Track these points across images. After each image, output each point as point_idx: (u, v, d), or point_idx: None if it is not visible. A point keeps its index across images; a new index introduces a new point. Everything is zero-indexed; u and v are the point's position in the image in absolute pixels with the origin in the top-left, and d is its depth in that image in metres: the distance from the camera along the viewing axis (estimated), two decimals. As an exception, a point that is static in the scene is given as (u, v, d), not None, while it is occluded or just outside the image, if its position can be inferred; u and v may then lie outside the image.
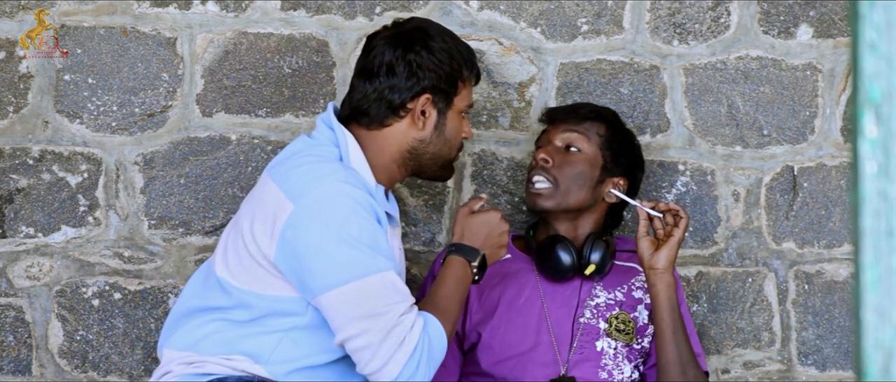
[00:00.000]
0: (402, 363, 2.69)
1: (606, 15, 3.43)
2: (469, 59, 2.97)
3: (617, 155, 3.20)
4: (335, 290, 2.70)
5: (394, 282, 2.72)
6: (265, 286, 2.77)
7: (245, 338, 2.80)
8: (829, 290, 3.51)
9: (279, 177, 2.80)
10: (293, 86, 3.36)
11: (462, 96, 2.95)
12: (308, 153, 2.84)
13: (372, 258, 2.70)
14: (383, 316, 2.69)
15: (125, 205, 3.35)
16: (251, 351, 2.79)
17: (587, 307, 3.19)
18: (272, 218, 2.74)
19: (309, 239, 2.70)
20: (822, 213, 3.50)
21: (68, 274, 3.35)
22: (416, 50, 2.90)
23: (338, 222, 2.70)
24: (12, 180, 3.33)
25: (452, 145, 2.96)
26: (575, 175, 3.16)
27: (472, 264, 2.87)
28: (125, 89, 3.34)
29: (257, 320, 2.79)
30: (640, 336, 3.20)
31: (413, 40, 2.91)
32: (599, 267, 3.17)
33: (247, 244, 2.77)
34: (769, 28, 3.46)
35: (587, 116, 3.22)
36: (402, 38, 2.92)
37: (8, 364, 3.36)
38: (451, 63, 2.91)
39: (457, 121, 2.95)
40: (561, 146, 3.19)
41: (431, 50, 2.90)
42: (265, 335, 2.79)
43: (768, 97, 3.48)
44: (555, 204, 3.16)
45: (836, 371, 3.52)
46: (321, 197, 2.72)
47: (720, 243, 3.49)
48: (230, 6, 3.34)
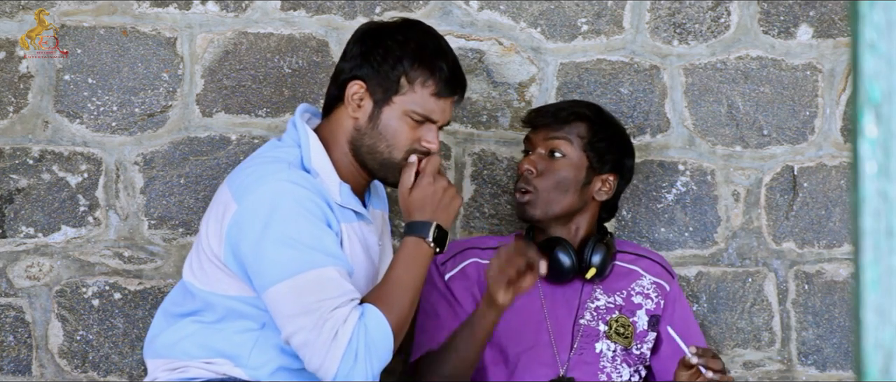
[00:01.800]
0: (338, 358, 2.66)
1: (606, 15, 3.43)
2: (433, 65, 2.83)
3: (602, 154, 3.17)
4: (273, 288, 2.71)
5: (332, 278, 2.70)
6: (224, 286, 2.80)
7: (221, 340, 2.82)
8: (829, 290, 3.51)
9: (231, 178, 2.85)
10: (293, 86, 3.36)
11: (410, 98, 2.83)
12: (265, 154, 2.87)
13: (309, 255, 2.70)
14: (316, 311, 2.68)
15: (125, 205, 3.35)
16: (230, 353, 2.81)
17: (587, 309, 3.19)
18: (221, 218, 2.79)
19: (250, 239, 2.72)
20: (822, 213, 3.50)
21: (68, 274, 3.35)
22: (375, 37, 2.86)
23: (276, 221, 2.71)
24: (12, 180, 3.33)
25: (391, 144, 2.84)
26: (558, 182, 3.14)
27: (426, 238, 2.80)
28: (125, 89, 3.34)
29: (225, 320, 2.82)
30: (640, 342, 3.20)
31: (382, 31, 2.88)
32: (600, 270, 3.16)
33: (203, 246, 2.81)
34: (769, 28, 3.46)
35: (567, 119, 3.17)
36: (379, 26, 2.90)
37: (8, 364, 3.36)
38: (397, 59, 2.82)
39: (397, 122, 2.83)
40: (545, 153, 3.17)
41: (386, 43, 2.84)
42: (240, 335, 2.81)
43: (768, 97, 3.48)
44: (540, 213, 3.15)
45: (836, 371, 3.52)
46: (262, 197, 2.73)
47: (720, 243, 3.49)
48: (230, 6, 3.34)
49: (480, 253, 3.24)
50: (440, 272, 3.21)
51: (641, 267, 3.26)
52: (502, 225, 3.45)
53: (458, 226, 3.44)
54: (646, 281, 3.24)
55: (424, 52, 2.84)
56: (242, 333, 2.81)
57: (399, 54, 2.83)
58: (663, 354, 3.22)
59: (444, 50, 2.88)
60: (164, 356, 2.88)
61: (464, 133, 3.42)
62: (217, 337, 2.83)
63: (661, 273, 3.25)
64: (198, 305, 2.85)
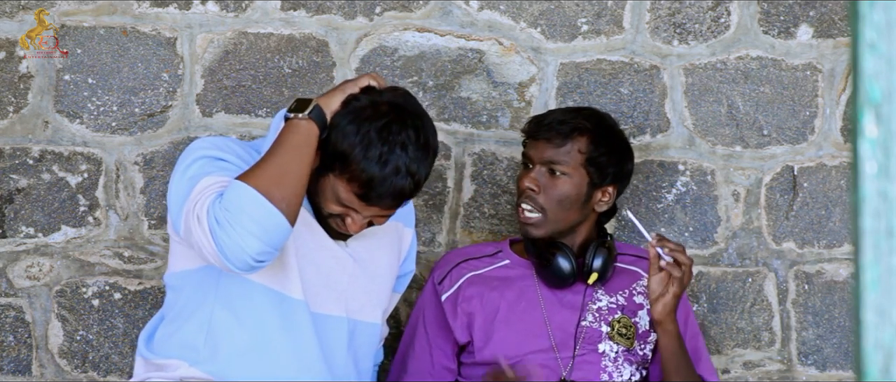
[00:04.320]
0: (207, 233, 2.61)
1: (606, 15, 3.43)
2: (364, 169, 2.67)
3: (602, 168, 3.14)
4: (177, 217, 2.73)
5: (206, 184, 2.69)
6: (184, 262, 2.82)
7: (176, 337, 2.83)
8: (829, 290, 3.51)
9: None
10: (293, 86, 3.36)
11: (336, 184, 2.72)
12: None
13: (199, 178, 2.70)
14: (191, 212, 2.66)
15: (125, 205, 3.35)
16: (184, 354, 2.82)
17: (589, 310, 3.19)
18: None
19: (172, 184, 2.76)
20: (822, 213, 3.50)
21: (68, 274, 3.35)
22: (354, 108, 2.72)
23: (184, 162, 2.75)
24: (12, 180, 3.33)
25: (319, 202, 2.77)
26: (561, 200, 3.13)
27: (299, 115, 2.70)
28: (125, 89, 3.34)
29: (184, 310, 2.83)
30: (643, 342, 3.20)
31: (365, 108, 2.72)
32: (602, 274, 3.16)
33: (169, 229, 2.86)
34: (769, 28, 3.46)
35: (569, 134, 3.13)
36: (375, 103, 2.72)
37: (8, 364, 3.36)
38: (339, 142, 2.70)
39: (328, 194, 2.75)
40: (545, 169, 3.16)
41: (349, 119, 2.70)
42: (193, 329, 2.81)
43: (768, 97, 3.48)
44: (546, 232, 3.15)
45: (836, 371, 3.52)
46: (183, 151, 2.80)
47: (720, 243, 3.49)
48: (230, 6, 3.34)
49: (476, 263, 3.24)
50: (437, 292, 3.22)
51: (642, 267, 3.26)
52: (502, 225, 3.45)
53: (459, 226, 3.44)
54: (646, 281, 3.24)
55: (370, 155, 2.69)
56: (196, 330, 2.80)
57: (345, 141, 2.70)
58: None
59: (398, 167, 2.70)
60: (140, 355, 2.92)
61: (464, 133, 3.42)
62: (171, 333, 2.84)
63: (660, 273, 3.25)
64: (169, 298, 2.88)
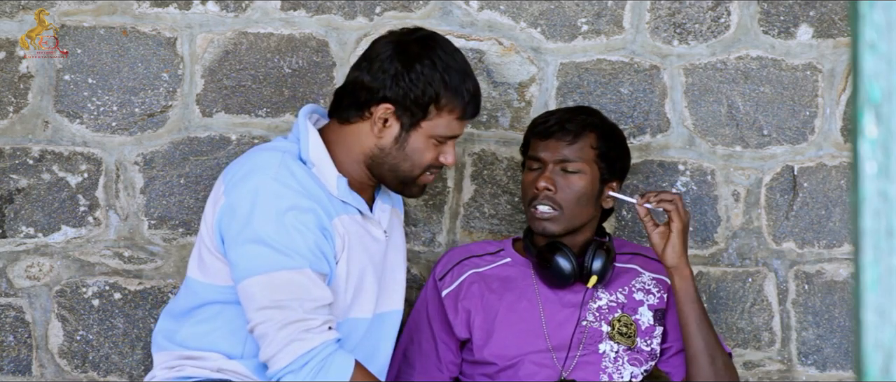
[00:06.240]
0: (293, 355, 2.71)
1: (606, 15, 3.43)
2: (458, 91, 2.88)
3: (611, 163, 3.18)
4: (247, 280, 2.76)
5: (307, 281, 2.75)
6: (224, 277, 2.85)
7: (213, 335, 2.87)
8: (829, 290, 3.51)
9: (227, 169, 2.92)
10: (293, 86, 3.36)
11: (436, 124, 2.89)
12: (262, 147, 2.93)
13: (284, 256, 2.74)
14: (287, 308, 2.73)
15: (125, 205, 3.35)
16: (223, 348, 2.86)
17: (589, 310, 3.19)
18: (213, 209, 2.85)
19: (231, 232, 2.79)
20: (822, 213, 3.50)
21: (68, 274, 3.35)
22: (404, 59, 2.87)
23: (255, 218, 2.76)
24: (12, 180, 3.33)
25: (414, 164, 2.90)
26: (578, 197, 3.15)
27: None
28: (125, 89, 3.34)
29: (222, 314, 2.87)
30: (648, 337, 3.20)
31: (409, 51, 2.88)
32: (601, 276, 3.16)
33: (204, 238, 2.87)
34: (769, 28, 3.46)
35: (580, 132, 3.16)
36: (406, 45, 2.90)
37: (8, 364, 3.36)
38: (427, 87, 2.85)
39: (423, 144, 2.89)
40: (558, 168, 3.17)
41: (414, 67, 2.86)
42: (233, 330, 2.86)
43: (768, 97, 3.48)
44: (562, 228, 3.16)
45: (836, 371, 3.52)
46: (246, 194, 2.79)
47: (720, 243, 3.49)
48: (230, 6, 3.34)
49: (478, 261, 3.24)
50: (438, 288, 3.22)
51: (638, 264, 3.27)
52: (502, 225, 3.45)
53: (459, 226, 3.44)
54: (645, 277, 3.25)
55: (453, 79, 2.87)
56: (236, 330, 2.86)
57: (429, 81, 2.85)
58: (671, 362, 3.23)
59: (468, 74, 2.92)
60: (165, 348, 2.93)
61: (464, 133, 3.42)
62: (209, 331, 2.88)
63: (658, 268, 3.26)
64: (198, 301, 2.89)
